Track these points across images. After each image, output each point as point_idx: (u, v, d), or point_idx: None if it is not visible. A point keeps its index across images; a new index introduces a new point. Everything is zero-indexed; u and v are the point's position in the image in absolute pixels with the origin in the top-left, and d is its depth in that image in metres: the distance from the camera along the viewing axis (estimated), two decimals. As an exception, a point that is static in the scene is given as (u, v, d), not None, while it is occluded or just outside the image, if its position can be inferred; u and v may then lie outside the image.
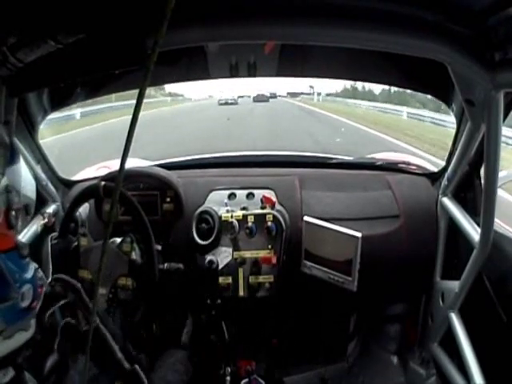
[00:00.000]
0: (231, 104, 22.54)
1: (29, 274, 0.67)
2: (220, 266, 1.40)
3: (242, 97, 25.05)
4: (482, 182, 1.23)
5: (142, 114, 0.44)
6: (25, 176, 0.94)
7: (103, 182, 1.24)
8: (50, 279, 1.04)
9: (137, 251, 1.24)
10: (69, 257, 1.23)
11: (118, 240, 1.25)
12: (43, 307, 0.89)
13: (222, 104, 22.55)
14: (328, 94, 25.47)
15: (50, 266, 1.12)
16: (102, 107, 13.92)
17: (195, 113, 18.69)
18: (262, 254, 1.39)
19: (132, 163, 1.81)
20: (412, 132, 9.90)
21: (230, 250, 1.41)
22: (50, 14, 0.63)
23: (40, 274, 0.84)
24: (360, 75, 1.46)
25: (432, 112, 11.30)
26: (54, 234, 1.25)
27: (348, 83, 24.52)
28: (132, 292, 1.22)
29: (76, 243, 1.27)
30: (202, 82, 1.51)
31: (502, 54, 0.75)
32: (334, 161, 1.80)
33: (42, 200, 1.47)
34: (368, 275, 1.30)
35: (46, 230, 1.41)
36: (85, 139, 9.11)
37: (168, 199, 1.49)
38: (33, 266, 0.71)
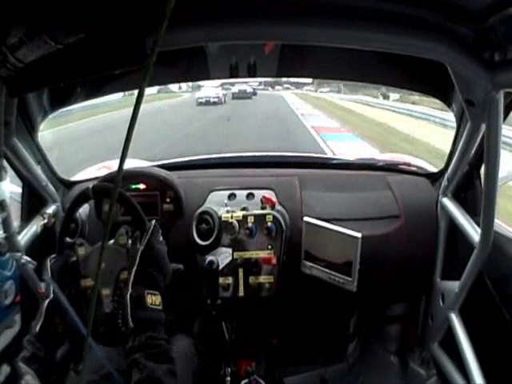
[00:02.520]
0: (214, 104, 16.85)
1: (9, 271, 0.67)
2: (220, 267, 1.40)
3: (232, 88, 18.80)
4: (482, 182, 1.23)
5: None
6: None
7: (106, 183, 1.23)
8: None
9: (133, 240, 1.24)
10: (69, 271, 1.23)
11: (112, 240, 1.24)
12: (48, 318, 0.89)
13: (201, 103, 16.91)
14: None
15: (51, 286, 1.11)
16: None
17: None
18: (262, 254, 1.39)
19: (132, 163, 1.81)
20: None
21: (230, 250, 1.41)
22: (49, 13, 0.62)
23: (23, 259, 0.85)
24: (360, 75, 1.46)
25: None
26: (53, 255, 1.24)
27: None
28: None
29: (75, 257, 1.26)
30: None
31: (501, 54, 0.75)
32: (334, 161, 1.80)
33: (41, 200, 1.47)
34: (368, 275, 1.29)
35: (46, 230, 1.41)
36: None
37: (168, 199, 1.49)
38: (12, 260, 0.71)
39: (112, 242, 1.24)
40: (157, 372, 0.83)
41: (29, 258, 0.96)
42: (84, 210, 1.43)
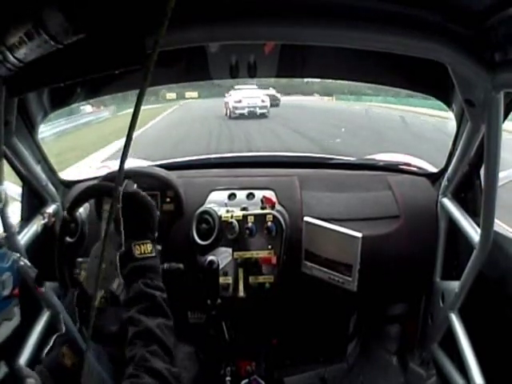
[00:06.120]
0: (261, 116, 10.83)
1: (7, 263, 0.69)
2: (220, 267, 1.39)
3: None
4: (482, 182, 1.23)
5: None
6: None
7: (107, 182, 1.23)
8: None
9: None
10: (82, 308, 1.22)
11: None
12: None
13: (241, 116, 11.17)
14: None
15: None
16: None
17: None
18: (262, 254, 1.39)
19: (132, 163, 1.81)
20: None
21: (230, 250, 1.41)
22: (50, 13, 0.62)
23: (21, 263, 0.85)
24: (360, 76, 1.46)
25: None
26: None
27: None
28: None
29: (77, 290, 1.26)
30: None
31: (501, 54, 0.75)
32: (334, 161, 1.80)
33: (41, 200, 1.47)
34: (368, 275, 1.30)
35: (46, 230, 1.41)
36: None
37: (168, 199, 1.49)
38: (9, 254, 0.72)
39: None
40: (150, 325, 0.82)
41: (29, 263, 0.97)
42: (84, 210, 1.43)
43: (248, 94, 11.61)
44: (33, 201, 1.45)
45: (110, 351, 1.46)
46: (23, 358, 1.15)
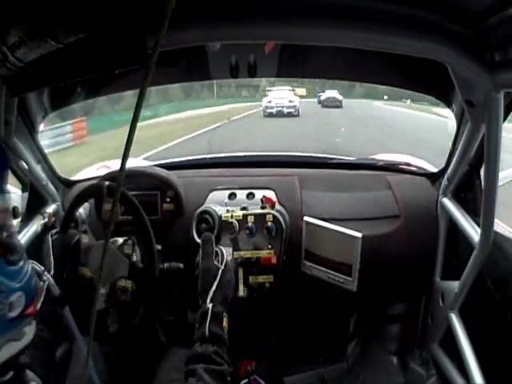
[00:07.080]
0: (288, 115, 12.25)
1: (19, 282, 0.62)
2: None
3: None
4: (482, 182, 1.24)
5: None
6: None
7: (107, 182, 1.23)
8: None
9: (138, 254, 1.24)
10: (69, 253, 1.23)
11: (120, 240, 1.25)
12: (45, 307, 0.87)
13: (270, 114, 12.71)
14: None
15: (52, 262, 1.11)
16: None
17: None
18: (262, 254, 1.39)
19: (132, 163, 1.81)
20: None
21: (230, 250, 1.41)
22: (50, 12, 0.62)
23: (45, 277, 0.82)
24: (360, 76, 1.46)
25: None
26: (55, 230, 1.25)
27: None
28: (131, 294, 1.22)
29: (77, 239, 1.26)
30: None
31: (501, 54, 0.75)
32: (334, 161, 1.80)
33: (42, 200, 1.47)
34: (368, 275, 1.30)
35: (46, 229, 1.41)
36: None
37: (168, 199, 1.49)
38: (26, 269, 0.66)
39: (119, 243, 1.25)
40: None
41: (52, 281, 0.95)
42: (84, 210, 1.43)
43: (277, 95, 12.97)
44: (33, 200, 1.45)
45: (105, 350, 1.47)
46: (23, 358, 1.15)
